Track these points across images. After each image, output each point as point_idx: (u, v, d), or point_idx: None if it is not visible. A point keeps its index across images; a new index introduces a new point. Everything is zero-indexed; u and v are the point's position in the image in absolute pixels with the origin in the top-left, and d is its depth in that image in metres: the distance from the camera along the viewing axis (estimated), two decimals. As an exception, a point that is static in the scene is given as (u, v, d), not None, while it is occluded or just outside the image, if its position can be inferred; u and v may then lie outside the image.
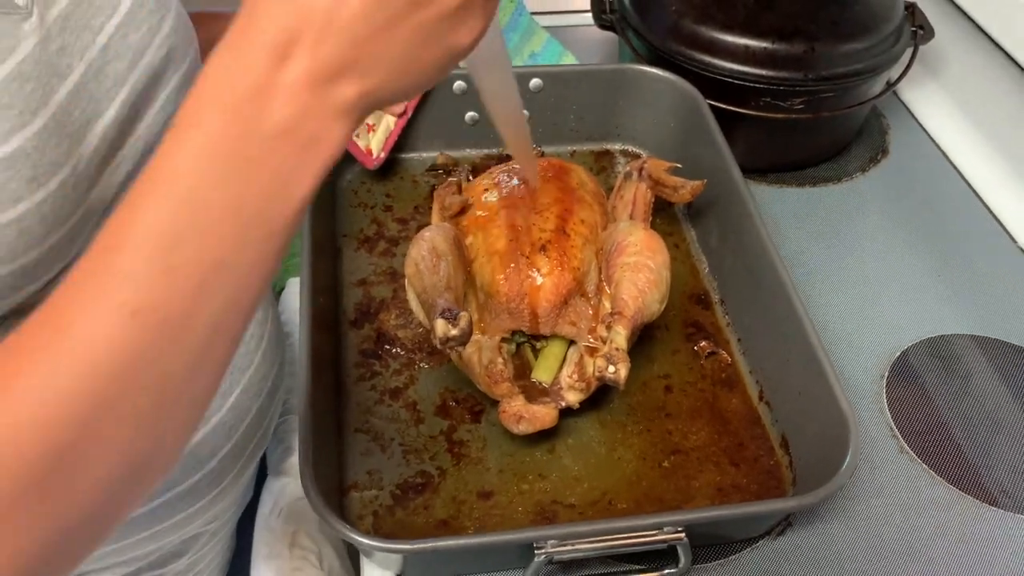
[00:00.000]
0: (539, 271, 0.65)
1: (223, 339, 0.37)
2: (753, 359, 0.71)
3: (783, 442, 0.66)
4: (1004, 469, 0.67)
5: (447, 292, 0.63)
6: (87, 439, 0.33)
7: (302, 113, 0.35)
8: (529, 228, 0.67)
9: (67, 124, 0.45)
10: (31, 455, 0.32)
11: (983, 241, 0.85)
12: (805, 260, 0.82)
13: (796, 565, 0.61)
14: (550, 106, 0.87)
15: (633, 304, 0.64)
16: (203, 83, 0.35)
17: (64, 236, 0.46)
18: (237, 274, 0.35)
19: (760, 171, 0.90)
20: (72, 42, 0.45)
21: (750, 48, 0.82)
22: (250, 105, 0.34)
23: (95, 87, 0.47)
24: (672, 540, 0.55)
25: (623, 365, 0.60)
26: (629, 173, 0.78)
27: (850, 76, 0.83)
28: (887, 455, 0.68)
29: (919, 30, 0.89)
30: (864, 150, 0.95)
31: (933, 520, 0.64)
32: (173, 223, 0.34)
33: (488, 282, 0.65)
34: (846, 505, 0.64)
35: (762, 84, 0.82)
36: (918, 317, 0.78)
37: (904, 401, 0.71)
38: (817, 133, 0.90)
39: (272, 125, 0.34)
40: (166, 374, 0.35)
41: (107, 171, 0.49)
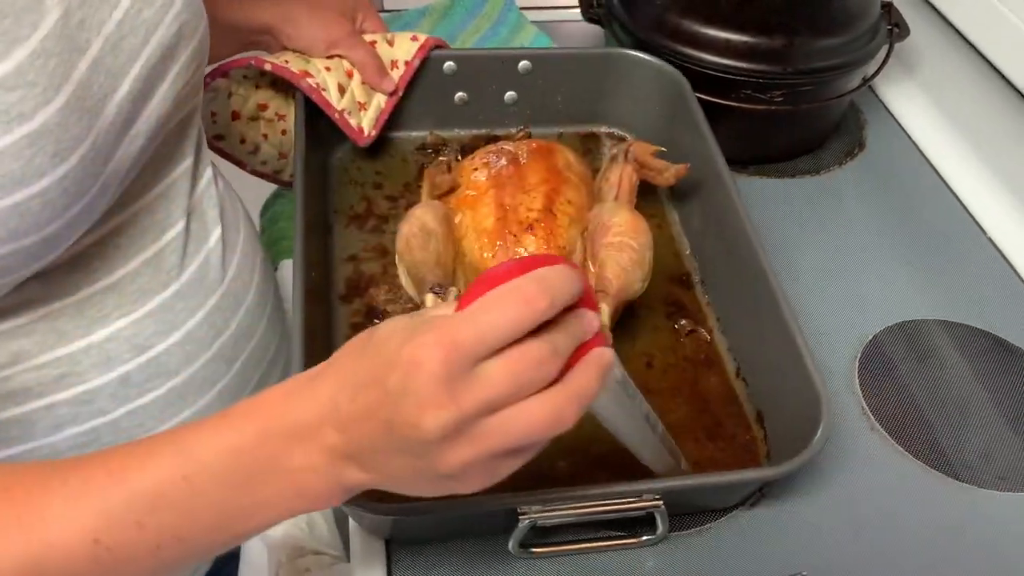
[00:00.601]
0: (526, 249, 0.67)
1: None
2: (731, 338, 0.73)
3: (758, 417, 0.68)
4: (969, 446, 0.70)
5: (436, 268, 0.66)
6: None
7: (312, 469, 0.40)
8: (517, 207, 0.69)
9: (87, 99, 0.46)
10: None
11: (954, 232, 0.88)
12: (783, 248, 0.84)
13: (768, 534, 0.63)
14: (539, 88, 0.89)
15: (616, 282, 0.66)
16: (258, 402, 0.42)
17: (84, 207, 0.48)
18: (192, 550, 0.42)
19: (741, 163, 0.92)
20: (91, 15, 0.46)
21: (731, 42, 0.84)
22: (281, 442, 0.40)
23: (112, 61, 0.48)
24: (650, 507, 0.57)
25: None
26: (615, 155, 0.80)
27: (827, 70, 0.86)
28: (858, 433, 0.71)
29: (895, 28, 0.92)
30: (842, 144, 0.98)
31: (901, 494, 0.67)
32: (168, 491, 0.40)
33: (476, 260, 0.68)
34: (818, 479, 0.67)
35: (743, 76, 0.85)
36: (890, 303, 0.80)
37: (875, 382, 0.74)
38: (796, 126, 0.92)
39: (286, 464, 0.40)
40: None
41: (122, 145, 0.50)
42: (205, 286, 0.61)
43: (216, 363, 0.62)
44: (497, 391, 0.38)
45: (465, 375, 0.37)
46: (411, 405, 0.37)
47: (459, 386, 0.37)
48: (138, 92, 0.50)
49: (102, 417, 0.56)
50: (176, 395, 0.59)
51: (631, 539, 0.61)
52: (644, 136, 0.90)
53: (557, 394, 0.39)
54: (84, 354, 0.54)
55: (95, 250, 0.53)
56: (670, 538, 0.62)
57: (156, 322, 0.57)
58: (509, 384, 0.38)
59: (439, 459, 0.39)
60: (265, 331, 0.67)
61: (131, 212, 0.55)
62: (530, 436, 0.39)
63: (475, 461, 0.39)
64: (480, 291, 0.40)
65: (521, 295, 0.38)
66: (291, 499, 0.41)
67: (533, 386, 0.39)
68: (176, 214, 0.59)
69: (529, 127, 0.90)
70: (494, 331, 0.38)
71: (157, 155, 0.56)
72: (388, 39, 0.84)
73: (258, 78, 0.81)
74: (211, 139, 0.82)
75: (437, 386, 0.37)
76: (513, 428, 0.39)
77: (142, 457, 0.41)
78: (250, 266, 0.66)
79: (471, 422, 0.38)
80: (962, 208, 0.91)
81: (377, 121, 0.84)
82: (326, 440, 0.40)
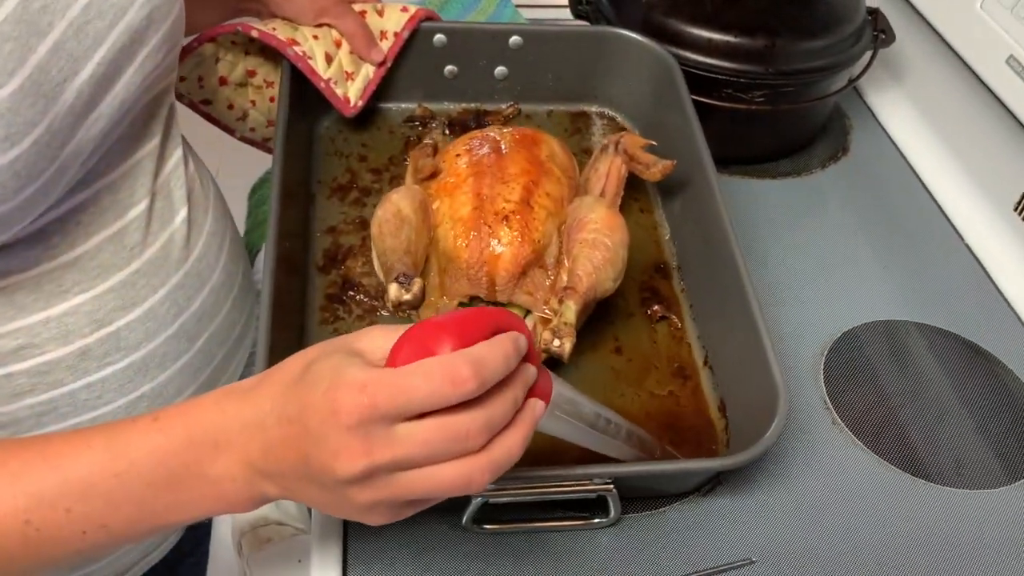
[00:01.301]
0: (500, 241, 0.67)
1: (77, 563, 0.48)
2: (701, 325, 0.74)
3: (721, 406, 0.69)
4: (930, 444, 0.71)
5: (405, 256, 0.66)
6: None
7: (231, 478, 0.43)
8: (494, 197, 0.69)
9: (44, 83, 0.45)
10: None
11: (931, 237, 0.89)
12: (762, 245, 0.85)
13: (721, 522, 0.64)
14: (529, 65, 0.89)
15: (587, 280, 0.66)
16: (192, 408, 0.44)
17: (38, 190, 0.48)
18: (116, 537, 0.45)
19: (723, 162, 0.93)
20: (55, 0, 0.46)
21: (714, 41, 0.86)
22: (206, 449, 0.43)
23: (74, 45, 0.47)
24: (601, 491, 0.58)
25: (568, 340, 0.63)
26: (605, 146, 0.80)
27: (809, 72, 0.87)
28: (819, 426, 0.71)
29: (880, 34, 0.93)
30: (826, 147, 0.98)
31: (858, 488, 0.67)
32: (98, 483, 0.43)
33: (450, 247, 0.68)
34: (776, 470, 0.68)
35: (724, 76, 0.86)
36: (863, 302, 0.81)
37: (840, 377, 0.74)
38: (779, 127, 0.93)
39: (208, 470, 0.43)
40: (16, 571, 0.45)
41: (82, 128, 0.50)
42: (168, 264, 0.61)
43: (177, 340, 0.63)
44: (410, 454, 0.40)
45: (381, 433, 0.40)
46: (327, 449, 0.40)
47: (375, 439, 0.40)
48: (101, 76, 0.49)
49: (60, 388, 0.57)
50: (135, 370, 0.60)
51: (583, 521, 0.62)
52: (632, 117, 0.90)
53: (473, 463, 0.41)
54: (42, 327, 0.55)
55: (56, 226, 0.54)
56: (624, 519, 0.62)
57: (116, 298, 0.58)
58: (424, 451, 0.40)
59: (348, 496, 0.42)
60: (230, 311, 0.68)
61: (94, 190, 0.55)
62: (435, 496, 0.42)
63: (381, 504, 0.42)
64: (412, 346, 0.41)
65: (450, 374, 0.39)
66: (209, 502, 0.44)
67: (450, 455, 0.41)
68: (140, 193, 0.59)
69: (518, 104, 0.91)
70: (412, 403, 0.40)
71: (123, 135, 0.56)
72: (378, 9, 0.84)
73: (247, 44, 0.82)
74: (198, 103, 0.82)
75: (352, 437, 0.40)
76: (419, 487, 0.41)
77: (78, 447, 0.44)
78: (217, 246, 0.67)
79: (381, 473, 0.41)
80: (941, 213, 0.91)
81: (364, 92, 0.83)
82: (248, 455, 0.43)
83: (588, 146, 0.89)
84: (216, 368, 0.68)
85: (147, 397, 0.62)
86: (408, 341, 0.42)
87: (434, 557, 0.60)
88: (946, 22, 0.91)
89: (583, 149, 0.89)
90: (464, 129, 0.89)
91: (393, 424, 0.40)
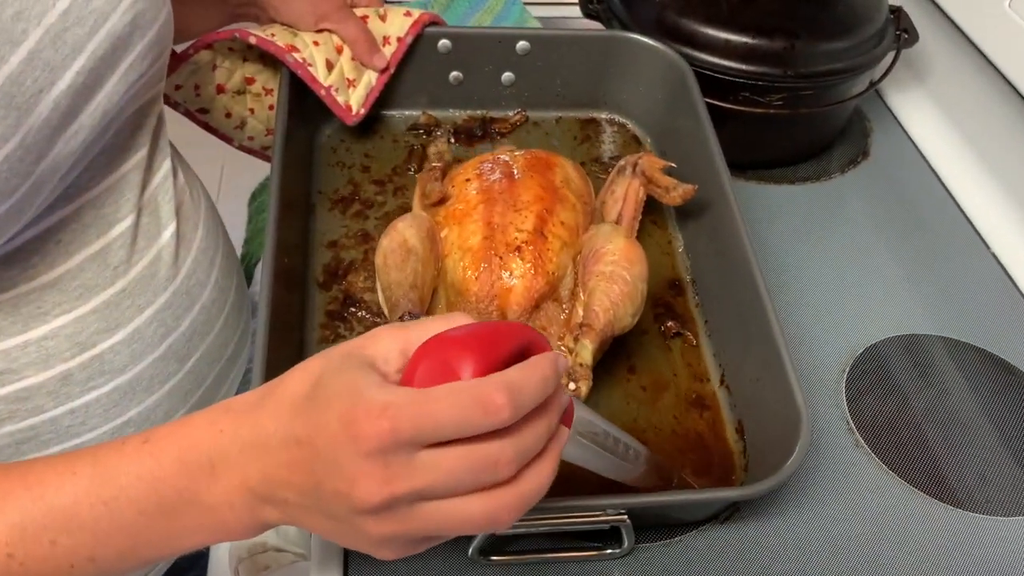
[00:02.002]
0: (512, 273, 0.63)
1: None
2: (717, 343, 0.71)
3: (739, 428, 0.66)
4: (958, 467, 0.67)
5: (411, 292, 0.62)
6: None
7: (229, 505, 0.40)
8: (506, 227, 0.65)
9: (16, 95, 0.43)
10: None
11: (957, 246, 0.86)
12: (780, 255, 0.82)
13: (740, 552, 0.61)
14: (537, 70, 0.86)
15: (604, 317, 0.62)
16: (184, 428, 0.41)
17: (12, 207, 0.45)
18: (104, 570, 0.42)
19: (740, 167, 0.90)
20: (30, 6, 0.43)
21: (731, 42, 0.82)
22: (201, 474, 0.40)
23: (51, 54, 0.44)
24: (614, 522, 0.56)
25: (584, 383, 0.59)
26: (623, 168, 0.77)
27: (829, 75, 0.83)
28: (842, 448, 0.68)
29: (903, 34, 0.89)
30: (846, 151, 0.95)
31: (883, 515, 0.64)
32: (84, 512, 0.40)
33: (459, 280, 0.64)
34: (796, 495, 0.64)
35: (741, 79, 0.83)
36: (885, 316, 0.78)
37: (863, 396, 0.71)
38: (797, 131, 0.90)
39: (204, 498, 0.40)
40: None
41: (60, 141, 0.47)
42: (155, 283, 0.58)
43: (166, 362, 0.60)
44: (433, 485, 0.36)
45: (403, 462, 0.36)
46: (343, 477, 0.36)
47: (395, 468, 0.36)
48: (81, 86, 0.46)
49: (41, 415, 0.54)
50: (121, 394, 0.57)
51: (596, 551, 0.59)
52: (643, 124, 0.87)
53: (501, 497, 0.38)
54: (21, 351, 0.52)
55: (34, 245, 0.51)
56: (637, 549, 0.60)
57: (100, 319, 0.55)
58: (449, 481, 0.36)
59: (361, 528, 0.38)
60: (222, 329, 0.65)
61: (76, 206, 0.52)
62: (459, 532, 0.39)
63: (397, 538, 0.39)
64: (433, 364, 0.38)
65: (482, 401, 0.35)
66: (206, 531, 0.41)
67: (477, 487, 0.37)
68: (125, 208, 0.56)
69: (526, 110, 0.88)
70: (439, 430, 0.36)
71: (106, 147, 0.53)
72: (380, 14, 0.81)
73: (245, 51, 0.79)
74: (195, 112, 0.80)
75: (371, 465, 0.36)
76: (441, 521, 0.38)
77: (62, 474, 0.41)
78: (208, 262, 0.64)
79: (401, 505, 0.37)
80: (967, 221, 0.88)
81: (367, 99, 0.81)
82: (248, 480, 0.39)
83: (598, 154, 0.86)
84: (208, 388, 0.65)
85: (134, 422, 0.59)
86: (427, 357, 0.38)
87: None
88: (972, 21, 0.87)
89: (593, 158, 0.86)
90: (470, 137, 0.86)
91: (415, 451, 0.36)
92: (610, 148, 0.87)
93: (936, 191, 0.91)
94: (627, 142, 0.88)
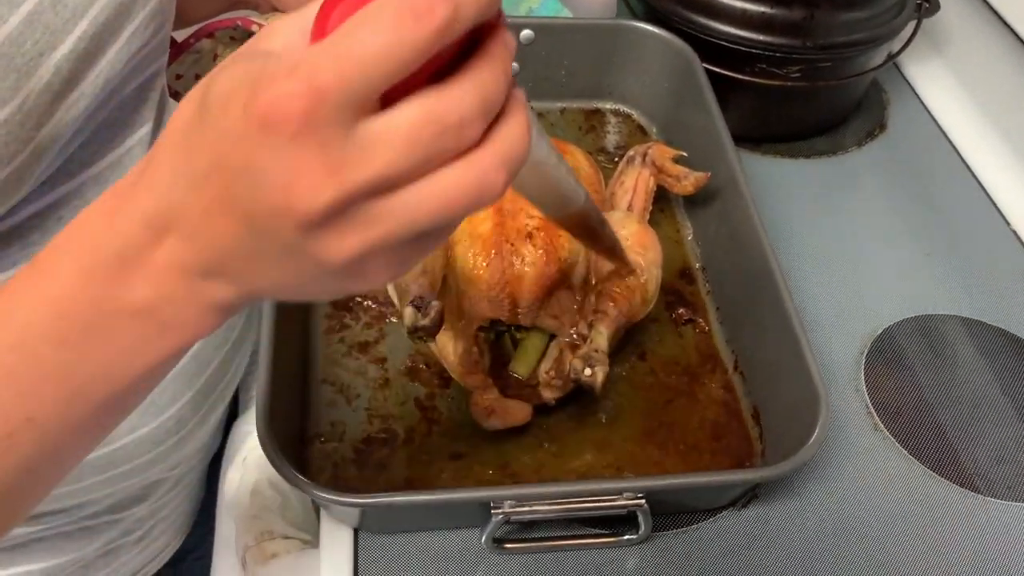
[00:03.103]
0: (523, 260, 0.61)
1: (34, 481, 0.35)
2: (730, 329, 0.70)
3: (754, 413, 0.65)
4: (978, 452, 0.66)
5: (422, 276, 0.60)
6: None
7: (166, 299, 0.32)
8: (516, 213, 0.63)
9: (15, 56, 0.41)
10: None
11: (977, 223, 0.84)
12: (793, 233, 0.80)
13: (758, 537, 0.60)
14: (541, 60, 0.84)
15: (619, 303, 0.61)
16: (73, 231, 0.33)
17: (11, 174, 0.44)
18: (53, 433, 0.34)
19: (753, 140, 0.88)
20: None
21: (748, 12, 0.79)
22: (111, 274, 0.31)
23: (51, 17, 0.43)
24: (631, 506, 0.54)
25: (601, 368, 0.58)
26: (632, 158, 0.75)
27: (849, 46, 0.81)
28: (861, 433, 0.67)
29: (924, 3, 0.86)
30: (862, 124, 0.92)
31: (904, 500, 0.63)
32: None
33: (469, 267, 0.62)
34: (814, 480, 0.63)
35: (758, 50, 0.80)
36: (903, 295, 0.76)
37: (882, 379, 0.70)
38: (813, 103, 0.87)
39: (129, 302, 0.32)
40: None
41: (61, 107, 0.46)
42: None
43: None
44: (393, 162, 0.27)
45: (343, 137, 0.27)
46: (273, 186, 0.28)
47: (335, 150, 0.27)
48: (83, 51, 0.46)
49: None
50: None
51: (611, 538, 0.58)
52: (648, 113, 0.86)
53: (478, 161, 0.29)
54: None
55: (34, 222, 0.49)
56: (653, 537, 0.59)
57: None
58: (410, 153, 0.27)
59: (321, 252, 0.29)
60: None
61: (78, 182, 0.51)
62: (443, 218, 0.29)
63: (371, 252, 0.29)
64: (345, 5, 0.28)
65: (409, 6, 0.26)
66: (153, 341, 0.33)
67: (445, 156, 0.28)
68: None
69: (530, 101, 0.86)
70: (368, 69, 0.26)
71: (109, 120, 0.52)
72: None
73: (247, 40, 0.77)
74: None
75: (303, 152, 0.27)
76: (419, 211, 0.29)
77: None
78: None
79: (360, 202, 0.28)
80: (987, 198, 0.86)
81: None
82: (170, 256, 0.31)
83: (603, 145, 0.85)
84: (213, 374, 0.64)
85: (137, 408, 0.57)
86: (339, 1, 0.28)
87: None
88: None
89: (598, 148, 0.84)
90: None
91: (355, 121, 0.27)
92: (615, 138, 0.85)
93: (955, 165, 0.89)
94: (632, 132, 0.86)
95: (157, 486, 0.68)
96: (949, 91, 0.95)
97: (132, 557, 0.71)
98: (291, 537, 0.65)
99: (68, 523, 0.62)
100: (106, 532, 0.66)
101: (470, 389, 0.62)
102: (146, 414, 0.59)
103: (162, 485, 0.68)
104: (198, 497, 0.78)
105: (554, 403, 0.62)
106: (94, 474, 0.59)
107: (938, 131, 0.93)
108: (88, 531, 0.65)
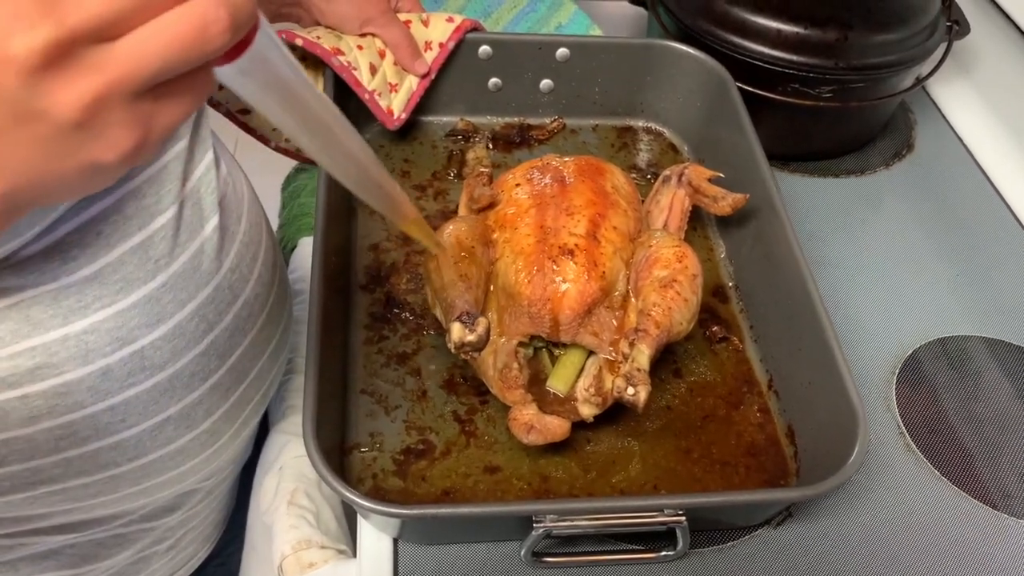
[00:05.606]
0: (564, 277, 0.62)
1: None
2: (764, 347, 0.70)
3: (789, 432, 0.65)
4: (1009, 473, 0.67)
5: (467, 292, 0.61)
6: None
7: None
8: (558, 230, 0.64)
9: None
10: None
11: (1004, 244, 0.84)
12: (820, 251, 0.81)
13: (793, 556, 0.60)
14: (575, 77, 0.85)
15: (661, 322, 0.61)
16: None
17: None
18: None
19: (782, 159, 0.88)
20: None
21: (782, 32, 0.80)
22: None
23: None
24: (671, 523, 0.55)
25: (643, 388, 0.58)
26: (668, 177, 0.76)
27: (882, 67, 0.81)
28: (893, 452, 0.67)
29: (954, 25, 0.87)
30: (889, 144, 0.93)
31: (934, 520, 0.63)
32: None
33: (511, 283, 0.63)
34: (848, 500, 0.64)
35: (791, 70, 0.81)
36: (933, 316, 0.77)
37: (913, 399, 0.70)
38: (843, 124, 0.88)
39: None
40: None
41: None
42: (197, 277, 0.56)
43: (207, 358, 0.58)
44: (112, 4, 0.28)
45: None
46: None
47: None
48: None
49: (79, 411, 0.52)
50: (161, 391, 0.56)
51: (649, 554, 0.58)
52: (680, 132, 0.86)
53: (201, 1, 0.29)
54: (60, 345, 0.50)
55: (74, 238, 0.49)
56: (690, 554, 0.59)
57: (141, 314, 0.53)
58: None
59: (51, 105, 0.28)
60: (265, 324, 0.63)
61: (115, 197, 0.51)
62: (171, 59, 0.29)
63: (104, 102, 0.29)
64: None
65: None
66: None
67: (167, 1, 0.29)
68: (167, 200, 0.54)
69: (563, 118, 0.87)
70: None
71: None
72: (423, 19, 0.81)
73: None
74: (235, 113, 0.79)
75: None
76: (146, 51, 0.29)
77: None
78: (251, 257, 0.62)
79: (82, 46, 0.28)
80: (1014, 219, 0.86)
81: (408, 104, 0.80)
82: None
83: (634, 162, 0.85)
84: (249, 385, 0.64)
85: (173, 419, 0.58)
86: None
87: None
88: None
89: (630, 165, 0.85)
90: (508, 143, 0.85)
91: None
92: (647, 156, 0.86)
93: (982, 186, 0.90)
94: (664, 150, 0.87)
95: (190, 496, 0.68)
96: (976, 112, 0.96)
97: (162, 565, 0.71)
98: (327, 547, 0.65)
99: (101, 531, 0.63)
100: (138, 541, 0.66)
101: (509, 404, 0.62)
102: (180, 427, 0.59)
103: (195, 495, 0.68)
104: (228, 506, 0.78)
105: (592, 420, 0.63)
106: (128, 485, 0.59)
107: (965, 152, 0.93)
108: (120, 539, 0.65)
